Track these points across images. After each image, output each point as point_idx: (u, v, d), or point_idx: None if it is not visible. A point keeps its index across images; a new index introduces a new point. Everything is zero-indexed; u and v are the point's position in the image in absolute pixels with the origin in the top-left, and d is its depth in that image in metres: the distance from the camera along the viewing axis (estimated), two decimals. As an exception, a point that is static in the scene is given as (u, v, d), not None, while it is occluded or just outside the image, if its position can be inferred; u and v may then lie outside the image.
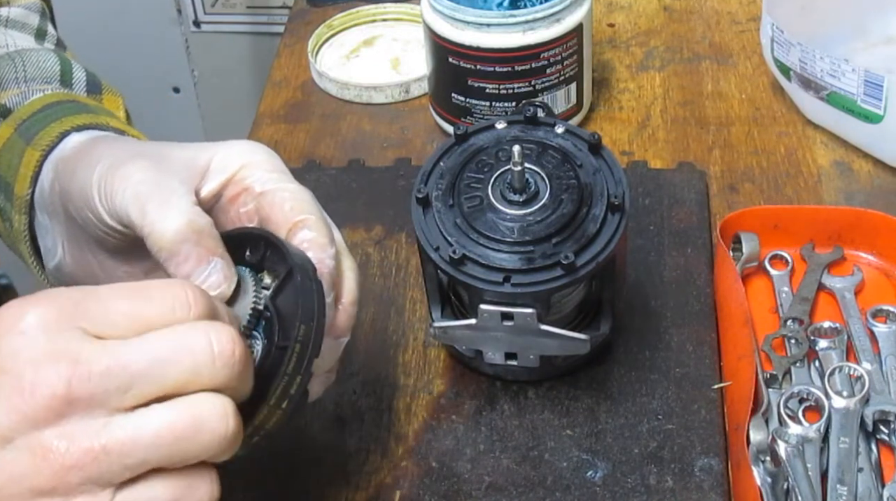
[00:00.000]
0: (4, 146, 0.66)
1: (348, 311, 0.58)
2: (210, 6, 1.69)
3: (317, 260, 0.56)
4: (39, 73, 0.70)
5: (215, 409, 0.47)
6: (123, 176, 0.56)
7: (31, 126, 0.65)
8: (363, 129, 0.96)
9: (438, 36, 0.87)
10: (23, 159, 0.64)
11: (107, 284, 0.49)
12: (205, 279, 0.53)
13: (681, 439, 0.69)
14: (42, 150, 0.63)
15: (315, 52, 1.04)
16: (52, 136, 0.64)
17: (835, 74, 0.85)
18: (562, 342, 0.67)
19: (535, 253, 0.65)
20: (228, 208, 0.59)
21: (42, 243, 0.65)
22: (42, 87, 0.70)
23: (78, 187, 0.58)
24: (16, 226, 0.65)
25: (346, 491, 0.69)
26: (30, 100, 0.68)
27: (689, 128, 0.93)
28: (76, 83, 0.72)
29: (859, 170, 0.88)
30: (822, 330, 0.74)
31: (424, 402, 0.73)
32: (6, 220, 0.67)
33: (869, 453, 0.67)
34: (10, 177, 0.65)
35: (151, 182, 0.55)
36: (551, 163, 0.67)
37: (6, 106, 0.68)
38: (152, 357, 0.46)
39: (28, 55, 0.71)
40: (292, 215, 0.57)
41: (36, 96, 0.68)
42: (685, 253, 0.80)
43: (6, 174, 0.65)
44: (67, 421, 0.45)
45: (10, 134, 0.66)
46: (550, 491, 0.67)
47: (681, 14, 1.06)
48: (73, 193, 0.59)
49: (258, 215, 0.58)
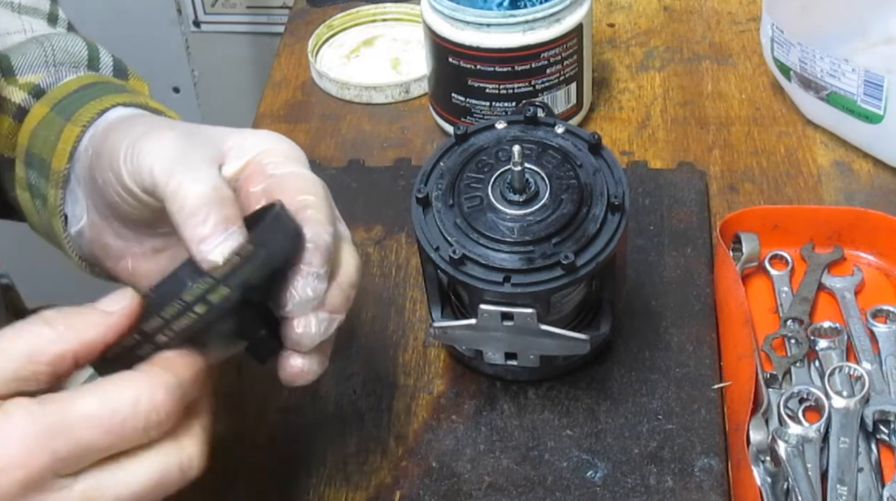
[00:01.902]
0: (40, 124, 0.66)
1: (343, 289, 0.57)
2: (210, 6, 1.69)
3: (312, 234, 0.55)
4: (68, 58, 0.71)
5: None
6: (154, 140, 0.57)
7: (68, 104, 0.66)
8: (363, 129, 0.96)
9: (438, 36, 0.87)
10: (62, 135, 0.65)
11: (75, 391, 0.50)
12: (220, 243, 0.53)
13: (681, 439, 0.69)
14: (83, 126, 0.64)
15: (315, 52, 1.04)
16: (92, 113, 0.65)
17: (835, 74, 0.85)
18: (562, 342, 0.67)
19: (535, 253, 0.65)
20: (241, 188, 0.59)
21: (70, 212, 0.66)
22: (72, 71, 0.70)
23: (108, 149, 0.59)
24: (50, 202, 0.66)
25: (346, 491, 0.69)
26: (63, 81, 0.69)
27: (689, 128, 0.93)
28: (103, 67, 0.73)
29: (859, 170, 0.88)
30: (822, 330, 0.74)
31: (424, 402, 0.73)
32: (37, 197, 0.67)
33: (869, 453, 0.67)
34: (46, 153, 0.65)
35: (181, 148, 0.56)
36: (551, 163, 0.67)
37: (39, 86, 0.69)
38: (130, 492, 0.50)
39: (55, 39, 0.71)
40: (296, 194, 0.57)
41: (70, 77, 0.69)
42: (685, 254, 0.80)
43: (41, 151, 0.66)
44: None
45: (46, 112, 0.66)
46: (550, 491, 0.67)
47: (681, 14, 1.06)
48: (102, 155, 0.60)
49: (265, 197, 0.58)
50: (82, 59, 0.71)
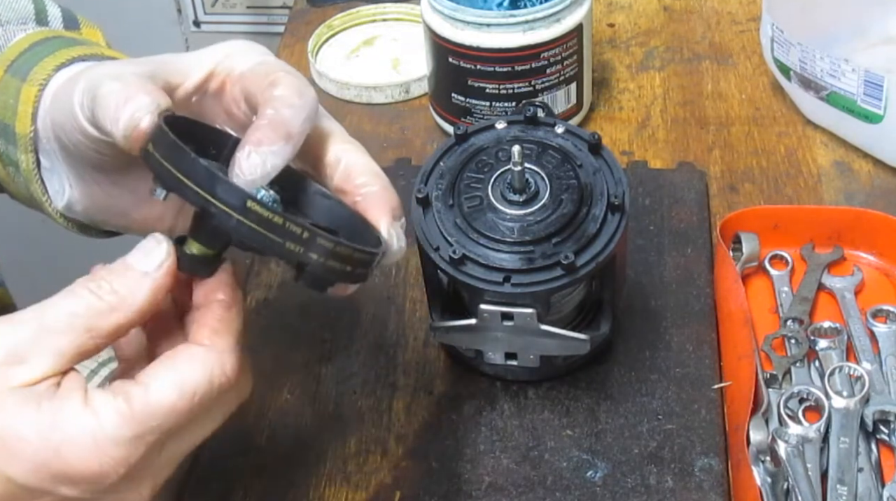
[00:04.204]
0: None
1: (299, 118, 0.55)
2: (210, 6, 1.69)
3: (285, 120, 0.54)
4: (14, 15, 0.69)
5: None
6: (94, 78, 0.56)
7: (22, 64, 0.65)
8: (363, 129, 0.96)
9: (438, 36, 0.87)
10: (20, 97, 0.63)
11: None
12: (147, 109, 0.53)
13: (681, 439, 0.69)
14: (39, 85, 0.63)
15: (315, 52, 1.04)
16: (47, 71, 0.63)
17: (835, 74, 0.85)
18: (562, 342, 0.67)
19: (535, 253, 0.65)
20: (216, 100, 0.59)
21: (49, 186, 0.65)
22: (20, 28, 0.68)
23: (67, 109, 0.58)
24: (23, 167, 0.64)
25: (346, 491, 0.69)
26: (14, 41, 0.67)
27: (689, 128, 0.93)
28: (52, 20, 0.71)
29: (859, 170, 0.88)
30: (822, 330, 0.74)
31: (424, 402, 0.73)
32: (10, 165, 0.66)
33: (869, 453, 0.67)
34: (8, 118, 0.64)
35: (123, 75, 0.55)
36: (551, 163, 0.67)
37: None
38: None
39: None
40: (265, 77, 0.56)
41: (19, 36, 0.67)
42: (685, 254, 0.80)
43: (3, 116, 0.64)
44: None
45: (1, 75, 0.65)
46: (550, 491, 0.67)
47: (681, 14, 1.06)
48: (63, 120, 0.59)
49: (243, 96, 0.57)
50: (29, 14, 0.70)
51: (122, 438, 0.49)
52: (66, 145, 0.60)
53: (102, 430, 0.49)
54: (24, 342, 0.50)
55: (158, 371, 0.51)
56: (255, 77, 0.56)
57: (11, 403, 0.49)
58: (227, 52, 0.59)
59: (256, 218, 0.49)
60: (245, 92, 0.57)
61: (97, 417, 0.49)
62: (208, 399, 0.51)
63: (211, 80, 0.58)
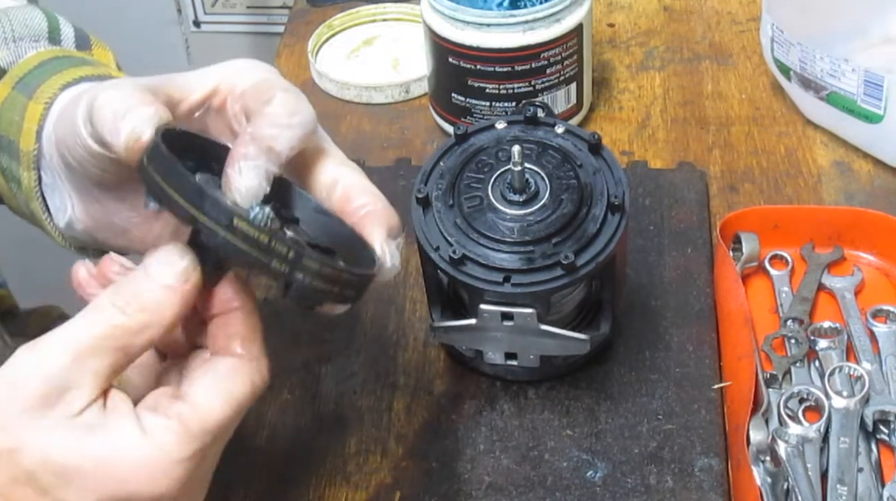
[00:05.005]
0: (3, 105, 0.65)
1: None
2: (210, 6, 1.69)
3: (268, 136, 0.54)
4: (28, 32, 0.70)
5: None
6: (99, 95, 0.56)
7: (30, 81, 0.65)
8: (363, 129, 0.96)
9: (438, 36, 0.87)
10: (25, 114, 0.64)
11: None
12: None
13: (681, 439, 0.69)
14: (45, 104, 0.63)
15: (315, 52, 1.04)
16: (53, 89, 0.64)
17: (835, 74, 0.85)
18: (562, 342, 0.67)
19: (535, 253, 0.65)
20: (219, 117, 0.59)
21: (51, 203, 0.65)
22: (32, 45, 0.69)
23: (70, 126, 0.58)
24: (25, 184, 0.65)
25: (346, 491, 0.69)
26: (24, 58, 0.68)
27: (689, 128, 0.93)
28: (65, 39, 0.71)
29: (859, 170, 0.88)
30: (822, 330, 0.74)
31: (424, 402, 0.73)
32: (12, 181, 0.66)
33: (869, 453, 0.67)
34: (13, 134, 0.64)
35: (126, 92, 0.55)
36: (551, 163, 0.67)
37: (0, 66, 0.68)
38: None
39: (14, 13, 0.70)
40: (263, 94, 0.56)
41: (30, 54, 0.68)
42: (685, 254, 0.80)
43: (8, 132, 0.65)
44: None
45: (9, 92, 0.65)
46: (550, 491, 0.67)
47: (681, 14, 1.06)
48: (66, 137, 0.59)
49: (243, 113, 0.57)
50: (42, 32, 0.70)
51: (181, 458, 0.50)
52: (69, 162, 0.60)
53: (164, 455, 0.50)
54: (61, 371, 0.50)
55: (204, 385, 0.52)
56: (255, 93, 0.57)
57: (66, 437, 0.49)
58: (231, 70, 0.59)
59: (243, 235, 0.50)
60: (245, 109, 0.57)
61: (155, 443, 0.50)
62: (250, 404, 0.53)
63: (214, 97, 0.59)
